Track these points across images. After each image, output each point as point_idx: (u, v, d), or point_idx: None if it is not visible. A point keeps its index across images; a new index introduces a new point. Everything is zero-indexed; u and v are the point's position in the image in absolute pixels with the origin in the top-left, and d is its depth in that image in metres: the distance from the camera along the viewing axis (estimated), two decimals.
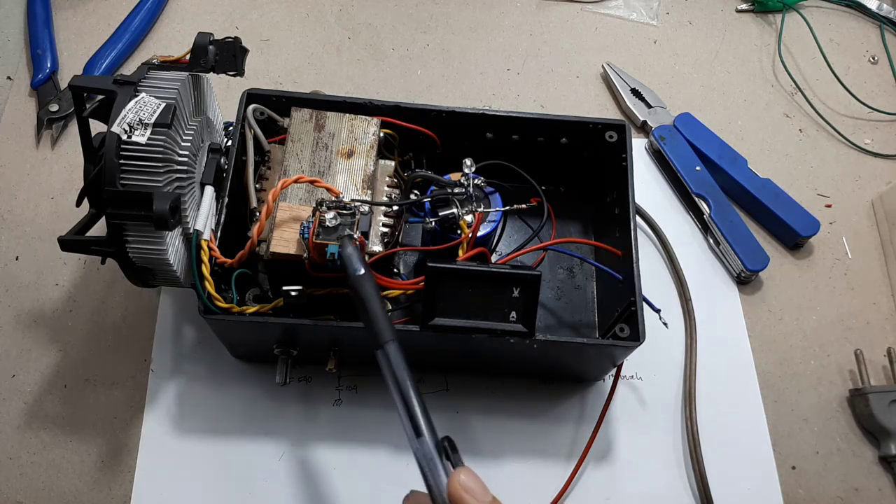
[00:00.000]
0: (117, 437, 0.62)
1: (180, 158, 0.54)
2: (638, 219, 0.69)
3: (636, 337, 0.56)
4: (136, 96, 0.52)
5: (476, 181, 0.60)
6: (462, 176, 0.59)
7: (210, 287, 0.53)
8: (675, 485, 0.63)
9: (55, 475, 0.61)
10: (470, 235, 0.57)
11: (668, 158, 0.76)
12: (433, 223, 0.58)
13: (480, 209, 0.58)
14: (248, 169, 0.59)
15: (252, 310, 0.55)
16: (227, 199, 0.57)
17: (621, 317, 0.58)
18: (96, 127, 0.54)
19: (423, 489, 0.40)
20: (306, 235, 0.51)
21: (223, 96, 0.68)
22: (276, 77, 0.80)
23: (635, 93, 0.81)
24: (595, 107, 0.82)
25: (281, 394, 0.64)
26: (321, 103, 0.61)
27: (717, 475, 0.62)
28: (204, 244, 0.54)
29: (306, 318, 0.55)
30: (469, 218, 0.58)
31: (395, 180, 0.62)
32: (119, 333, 0.66)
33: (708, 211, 0.73)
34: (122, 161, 0.50)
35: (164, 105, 0.51)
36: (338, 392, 0.64)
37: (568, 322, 0.67)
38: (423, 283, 0.54)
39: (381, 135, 0.60)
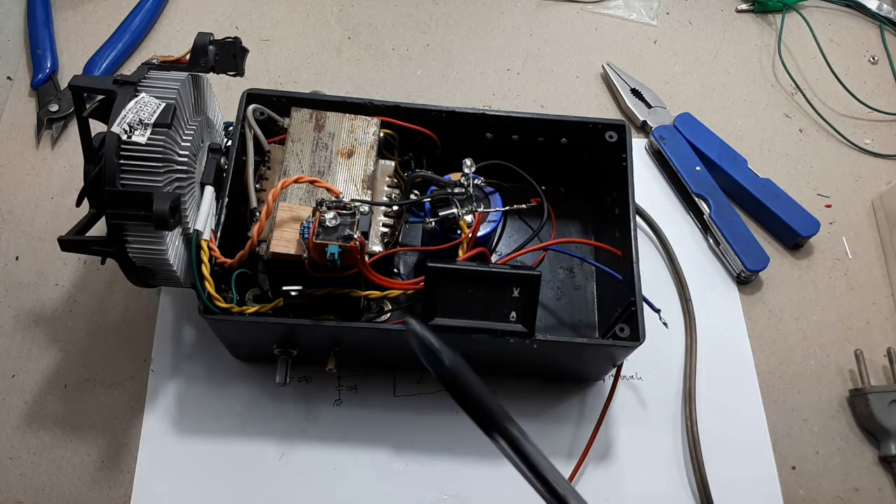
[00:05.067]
0: (117, 437, 0.62)
1: (180, 158, 0.54)
2: (638, 219, 0.69)
3: (636, 337, 0.56)
4: (136, 96, 0.52)
5: (476, 181, 0.60)
6: (462, 176, 0.59)
7: (210, 287, 0.53)
8: (675, 485, 0.63)
9: (55, 475, 0.61)
10: (470, 235, 0.57)
11: (668, 158, 0.76)
12: (433, 223, 0.58)
13: (480, 209, 0.58)
14: (248, 169, 0.59)
15: (252, 310, 0.55)
16: (227, 199, 0.57)
17: (621, 317, 0.58)
18: (96, 127, 0.54)
19: None
20: (306, 235, 0.50)
21: (223, 96, 0.68)
22: (276, 77, 0.80)
23: (635, 93, 0.80)
24: (595, 107, 0.82)
25: (281, 394, 0.64)
26: (321, 103, 0.61)
27: (717, 475, 0.62)
28: (204, 244, 0.54)
29: (306, 318, 0.55)
30: (469, 218, 0.58)
31: (395, 180, 0.62)
32: (119, 333, 0.66)
33: (708, 211, 0.73)
34: (122, 161, 0.50)
35: (164, 105, 0.51)
36: (338, 392, 0.64)
37: (568, 322, 0.67)
38: (423, 283, 0.54)
39: (381, 135, 0.60)
